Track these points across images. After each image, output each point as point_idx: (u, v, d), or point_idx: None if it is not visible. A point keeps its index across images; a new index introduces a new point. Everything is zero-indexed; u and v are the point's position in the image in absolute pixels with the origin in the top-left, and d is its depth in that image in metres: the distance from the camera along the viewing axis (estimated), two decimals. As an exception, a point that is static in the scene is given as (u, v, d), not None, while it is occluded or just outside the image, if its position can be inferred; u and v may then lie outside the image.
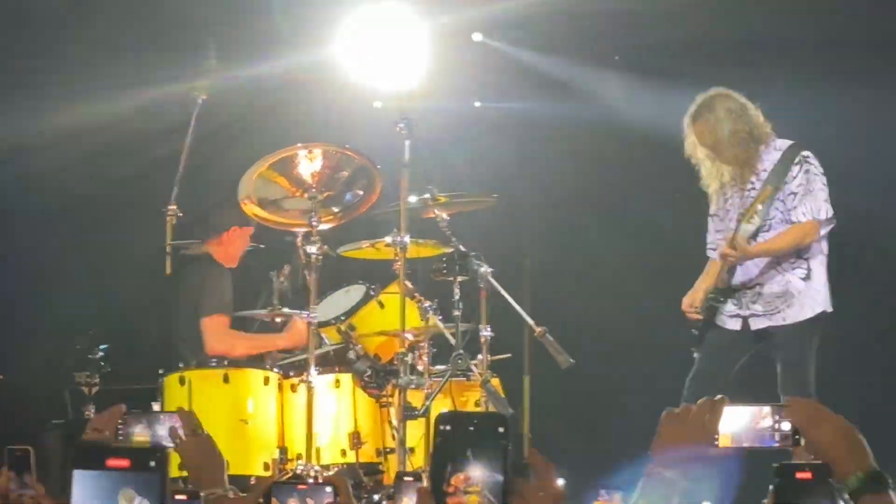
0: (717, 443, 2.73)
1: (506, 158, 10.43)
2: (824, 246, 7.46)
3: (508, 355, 8.43)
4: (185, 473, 6.89)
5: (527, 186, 10.43)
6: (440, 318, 7.83)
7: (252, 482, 7.28)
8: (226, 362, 7.64)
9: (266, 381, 7.61)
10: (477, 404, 7.86)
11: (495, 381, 7.77)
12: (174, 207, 8.82)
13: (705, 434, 2.72)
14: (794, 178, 7.36)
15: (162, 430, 3.84)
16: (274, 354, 8.12)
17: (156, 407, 7.92)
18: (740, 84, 7.74)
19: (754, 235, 7.37)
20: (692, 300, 7.59)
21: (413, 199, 7.77)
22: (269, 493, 3.44)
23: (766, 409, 2.77)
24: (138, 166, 9.69)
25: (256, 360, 7.87)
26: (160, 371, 7.67)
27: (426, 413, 7.42)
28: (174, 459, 6.97)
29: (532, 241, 10.46)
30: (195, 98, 9.06)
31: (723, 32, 9.74)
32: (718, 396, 2.78)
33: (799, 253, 7.41)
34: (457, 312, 7.74)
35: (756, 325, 7.44)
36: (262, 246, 8.55)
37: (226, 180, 8.70)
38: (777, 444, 2.75)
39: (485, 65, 10.66)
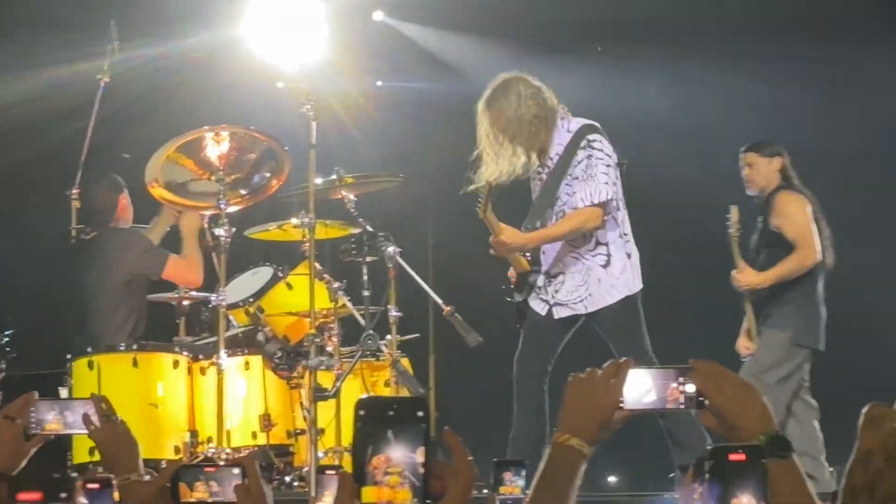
0: (622, 406, 2.70)
1: (408, 138, 10.45)
2: (623, 229, 7.38)
3: (417, 335, 8.47)
4: (94, 458, 6.90)
5: (430, 166, 10.47)
6: (349, 298, 7.85)
7: (163, 466, 7.27)
8: (134, 346, 7.59)
9: (175, 364, 7.58)
10: (387, 384, 7.90)
11: (405, 361, 7.82)
12: (78, 191, 8.73)
13: (610, 398, 2.69)
14: (579, 162, 7.26)
15: (74, 417, 3.81)
16: (182, 339, 8.10)
17: (63, 392, 7.85)
18: (641, 59, 7.81)
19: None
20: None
21: (319, 180, 7.77)
22: (177, 477, 3.45)
23: (671, 371, 2.72)
24: (40, 148, 9.60)
25: (164, 344, 7.81)
26: (68, 356, 7.60)
27: (337, 394, 7.44)
28: (83, 444, 6.97)
29: (436, 221, 10.51)
30: (98, 81, 8.96)
31: (625, 10, 9.83)
32: (623, 359, 2.74)
33: (598, 239, 7.32)
34: (366, 293, 7.77)
35: (559, 314, 7.39)
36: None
37: (130, 162, 8.64)
38: (682, 407, 2.71)
39: (386, 44, 10.68)
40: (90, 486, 3.13)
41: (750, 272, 8.29)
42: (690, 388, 2.70)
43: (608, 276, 7.30)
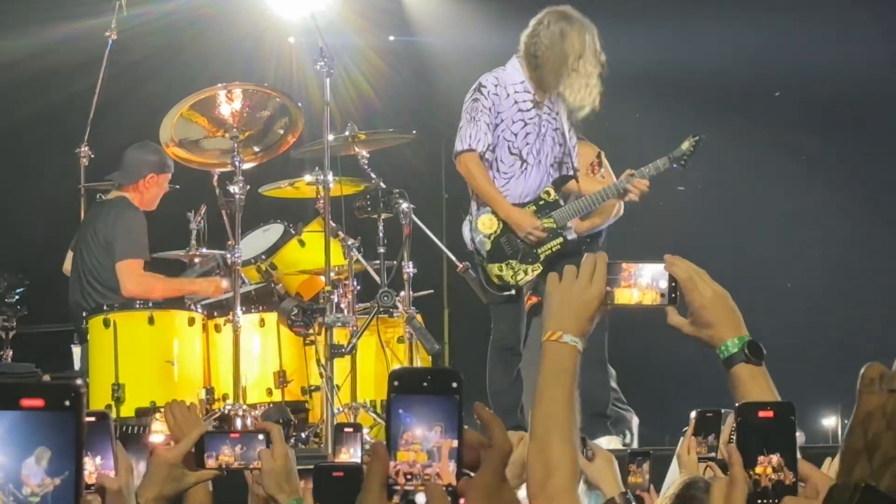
0: (606, 302, 2.67)
1: (420, 93, 10.39)
2: None
3: (431, 291, 8.44)
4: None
5: (442, 121, 10.39)
6: (362, 254, 7.81)
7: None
8: (150, 304, 7.55)
9: (191, 321, 7.56)
10: (401, 340, 7.87)
11: (419, 318, 7.78)
12: (87, 149, 8.67)
13: (595, 290, 2.65)
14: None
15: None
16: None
17: (76, 351, 7.82)
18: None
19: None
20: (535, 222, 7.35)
21: (332, 136, 7.71)
22: (202, 443, 3.43)
23: (647, 265, 2.70)
24: (48, 104, 9.55)
25: (179, 301, 7.74)
26: (84, 313, 7.57)
27: (353, 350, 7.42)
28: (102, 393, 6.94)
29: (449, 177, 10.44)
30: (106, 38, 8.88)
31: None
32: (599, 252, 2.71)
33: None
34: (381, 249, 7.72)
35: None
36: (177, 186, 8.39)
37: (139, 120, 8.59)
38: (656, 303, 2.70)
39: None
40: (88, 419, 3.09)
41: None
42: (664, 283, 2.69)
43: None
